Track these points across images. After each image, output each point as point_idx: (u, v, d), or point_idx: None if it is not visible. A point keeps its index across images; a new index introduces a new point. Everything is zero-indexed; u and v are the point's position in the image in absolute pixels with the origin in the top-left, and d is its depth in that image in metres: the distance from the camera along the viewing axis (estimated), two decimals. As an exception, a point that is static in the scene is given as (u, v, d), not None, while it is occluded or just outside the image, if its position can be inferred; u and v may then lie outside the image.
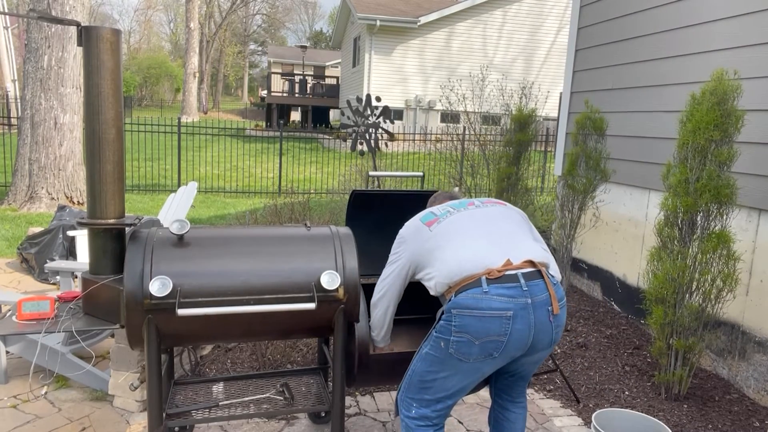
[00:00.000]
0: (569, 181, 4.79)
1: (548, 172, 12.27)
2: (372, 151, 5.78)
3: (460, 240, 2.16)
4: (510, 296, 1.99)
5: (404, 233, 2.33)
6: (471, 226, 2.22)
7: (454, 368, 2.08)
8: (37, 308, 2.31)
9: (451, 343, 2.03)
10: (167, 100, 43.32)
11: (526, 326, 2.00)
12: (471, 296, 2.00)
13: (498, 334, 1.98)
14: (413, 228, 2.31)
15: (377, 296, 2.38)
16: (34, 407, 3.18)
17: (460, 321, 2.00)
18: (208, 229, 2.42)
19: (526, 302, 2.00)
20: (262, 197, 10.95)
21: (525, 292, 2.00)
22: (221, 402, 2.65)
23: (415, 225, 2.32)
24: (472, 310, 1.99)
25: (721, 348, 3.75)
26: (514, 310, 1.98)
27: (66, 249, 5.51)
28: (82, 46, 2.19)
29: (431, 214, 2.34)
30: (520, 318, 1.99)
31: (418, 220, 2.33)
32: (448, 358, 2.07)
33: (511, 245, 2.14)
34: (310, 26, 62.78)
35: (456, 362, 2.06)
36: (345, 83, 24.11)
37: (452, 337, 2.02)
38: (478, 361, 2.04)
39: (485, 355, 2.02)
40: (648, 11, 4.54)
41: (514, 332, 1.99)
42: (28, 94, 8.31)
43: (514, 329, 1.99)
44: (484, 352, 2.01)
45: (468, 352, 2.02)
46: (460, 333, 2.01)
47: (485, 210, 2.30)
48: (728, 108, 3.14)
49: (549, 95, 16.10)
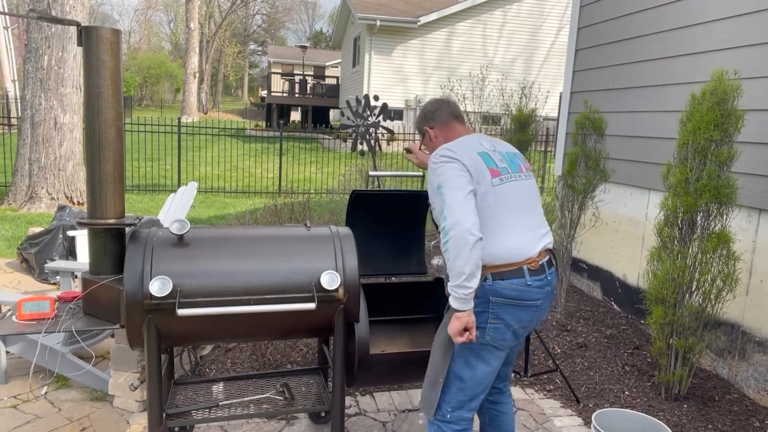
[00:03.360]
0: (569, 181, 4.78)
1: (548, 172, 12.27)
2: (372, 150, 5.78)
3: (512, 221, 2.07)
4: (540, 286, 2.08)
5: (466, 162, 2.03)
6: (519, 204, 2.11)
7: (489, 358, 2.10)
8: (37, 308, 2.31)
9: (488, 330, 2.05)
10: (167, 100, 43.31)
11: (543, 312, 2.14)
12: (514, 287, 2.03)
13: (528, 321, 2.09)
14: (475, 163, 2.05)
15: (451, 233, 1.91)
16: (34, 407, 3.18)
17: (498, 309, 2.03)
18: (208, 229, 2.42)
19: (548, 290, 2.11)
20: (262, 197, 10.94)
21: (549, 281, 2.11)
22: (221, 402, 2.65)
23: (476, 162, 2.06)
24: (513, 300, 2.04)
25: (721, 348, 3.75)
26: (542, 299, 2.10)
27: (66, 249, 5.51)
28: (82, 46, 2.19)
29: (489, 158, 2.11)
30: (542, 305, 2.12)
31: (477, 155, 2.08)
32: (483, 348, 2.08)
33: (541, 231, 2.19)
34: (310, 26, 62.82)
35: (491, 350, 2.09)
36: (345, 83, 24.11)
37: (488, 325, 2.04)
38: (506, 348, 2.11)
39: (512, 341, 2.11)
40: (648, 11, 4.54)
41: (535, 319, 2.11)
42: (28, 94, 8.31)
43: (536, 316, 2.11)
44: (514, 338, 2.10)
45: (503, 338, 2.08)
46: (497, 320, 2.04)
47: (525, 183, 2.19)
48: (728, 108, 3.14)
49: (549, 95, 16.10)
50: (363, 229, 2.99)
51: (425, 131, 2.36)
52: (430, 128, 2.33)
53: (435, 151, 2.14)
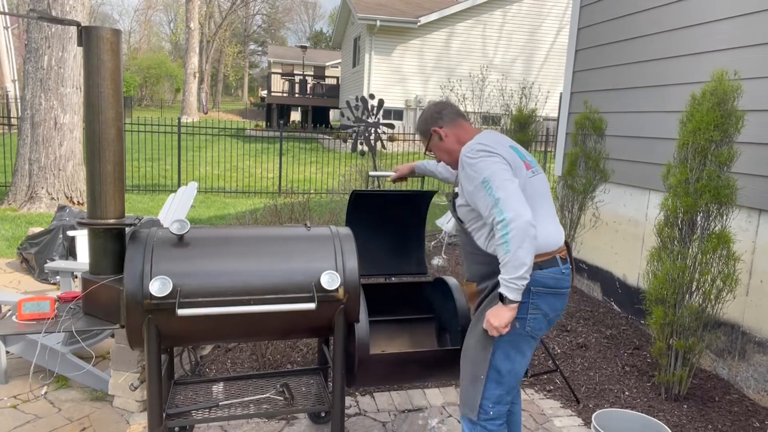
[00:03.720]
0: (569, 181, 4.79)
1: (548, 172, 12.27)
2: (372, 150, 5.78)
3: (544, 212, 2.14)
4: (569, 274, 2.17)
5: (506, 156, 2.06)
6: (546, 195, 2.19)
7: (526, 349, 2.14)
8: (37, 308, 2.31)
9: (528, 321, 2.08)
10: (167, 100, 43.31)
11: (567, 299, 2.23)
12: (552, 276, 2.09)
13: (560, 308, 2.16)
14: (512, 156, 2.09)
15: (513, 224, 1.90)
16: (34, 407, 3.18)
17: (538, 299, 2.07)
18: (208, 229, 2.42)
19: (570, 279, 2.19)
20: (262, 197, 10.94)
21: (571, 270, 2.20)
22: (221, 402, 2.65)
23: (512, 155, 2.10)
24: (552, 289, 2.09)
25: (721, 348, 3.75)
26: (569, 286, 2.18)
27: (66, 249, 5.51)
28: (82, 46, 2.19)
29: (519, 151, 2.16)
30: (568, 292, 2.20)
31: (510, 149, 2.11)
32: (523, 339, 2.11)
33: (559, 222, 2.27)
34: (310, 26, 62.83)
35: (529, 341, 2.13)
36: (345, 83, 24.11)
37: (529, 315, 2.07)
38: (539, 338, 2.17)
39: (545, 330, 2.17)
40: (648, 11, 4.54)
41: (563, 306, 2.18)
42: (28, 94, 8.31)
43: (564, 304, 2.18)
44: (547, 327, 2.16)
45: (540, 328, 2.12)
46: (536, 310, 2.08)
47: (544, 177, 2.25)
48: (728, 108, 3.14)
49: (549, 95, 16.09)
50: (363, 229, 2.99)
51: (433, 132, 2.29)
52: (440, 128, 2.28)
53: (468, 147, 2.09)
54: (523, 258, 1.90)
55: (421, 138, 2.38)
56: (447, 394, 3.40)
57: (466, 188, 2.08)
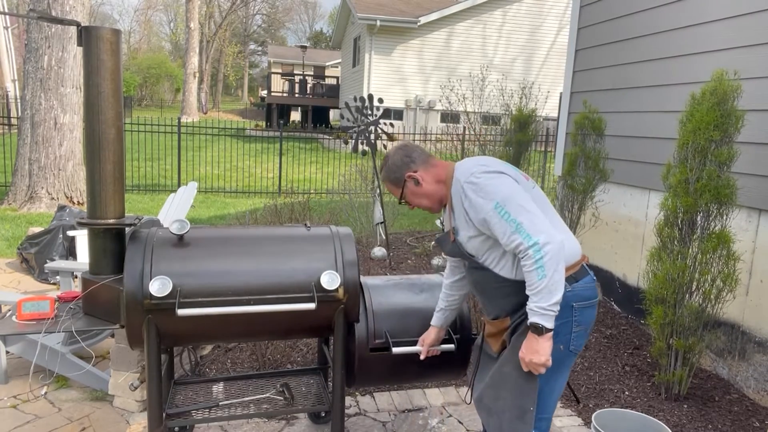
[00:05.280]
0: (569, 181, 4.79)
1: (548, 172, 12.27)
2: (372, 148, 5.78)
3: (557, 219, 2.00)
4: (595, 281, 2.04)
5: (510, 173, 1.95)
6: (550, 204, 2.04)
7: (569, 365, 2.01)
8: (37, 308, 2.31)
9: (572, 339, 1.95)
10: (167, 100, 43.30)
11: None
12: (588, 286, 1.97)
13: (594, 320, 2.02)
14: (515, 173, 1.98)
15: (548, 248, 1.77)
16: (34, 407, 3.18)
17: (579, 315, 1.94)
18: (208, 229, 2.42)
19: None
20: (262, 197, 10.94)
21: None
22: (221, 402, 2.65)
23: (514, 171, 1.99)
24: (590, 300, 1.97)
25: (721, 348, 3.75)
26: None
27: (66, 249, 5.51)
28: (82, 46, 2.19)
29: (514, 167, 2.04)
30: None
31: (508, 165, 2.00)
32: (567, 358, 1.98)
33: None
34: (310, 26, 62.82)
35: (572, 358, 2.00)
36: (345, 83, 24.11)
37: (572, 334, 1.94)
38: None
39: None
40: (648, 11, 4.54)
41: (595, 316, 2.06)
42: (28, 94, 8.31)
43: None
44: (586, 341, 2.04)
45: (581, 344, 2.00)
46: (579, 326, 1.95)
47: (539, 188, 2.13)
48: (728, 108, 3.14)
49: (549, 95, 16.07)
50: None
51: (408, 178, 2.10)
52: (414, 172, 2.09)
53: (466, 173, 1.94)
54: (559, 281, 1.77)
55: (391, 188, 2.17)
56: (447, 394, 3.40)
57: (474, 217, 1.91)
